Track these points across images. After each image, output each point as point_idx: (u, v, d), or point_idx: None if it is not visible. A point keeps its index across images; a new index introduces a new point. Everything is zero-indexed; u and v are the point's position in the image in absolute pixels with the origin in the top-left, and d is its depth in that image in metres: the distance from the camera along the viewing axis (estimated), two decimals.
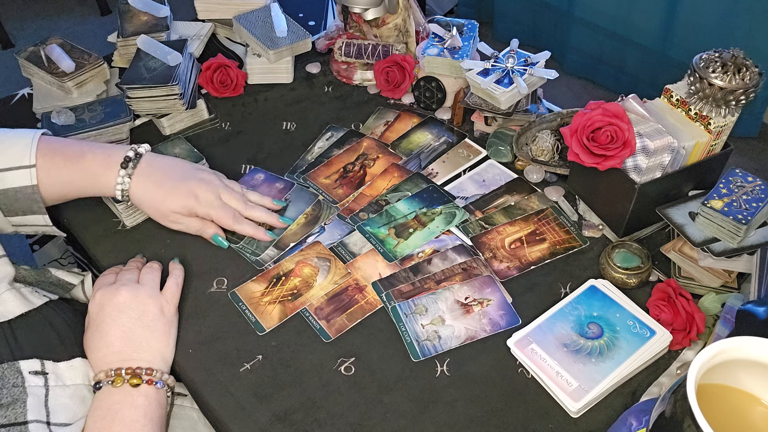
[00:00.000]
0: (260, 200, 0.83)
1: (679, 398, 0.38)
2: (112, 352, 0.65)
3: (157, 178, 0.76)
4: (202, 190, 0.77)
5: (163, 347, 0.68)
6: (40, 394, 0.59)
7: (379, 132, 0.97)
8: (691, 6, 1.92)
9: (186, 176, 0.77)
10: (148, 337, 0.67)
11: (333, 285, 0.76)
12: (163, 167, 0.77)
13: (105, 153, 0.74)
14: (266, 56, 1.03)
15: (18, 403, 0.57)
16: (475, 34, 1.00)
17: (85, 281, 0.76)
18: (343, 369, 0.68)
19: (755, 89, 0.69)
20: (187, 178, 0.77)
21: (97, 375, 0.64)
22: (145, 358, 0.65)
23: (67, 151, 0.73)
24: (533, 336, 0.68)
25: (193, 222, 0.78)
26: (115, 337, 0.66)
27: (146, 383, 0.63)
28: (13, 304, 0.64)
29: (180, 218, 0.77)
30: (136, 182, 0.75)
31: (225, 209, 0.78)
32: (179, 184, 0.76)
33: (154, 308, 0.69)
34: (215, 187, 0.78)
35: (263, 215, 0.81)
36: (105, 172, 0.74)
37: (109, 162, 0.74)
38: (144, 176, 0.75)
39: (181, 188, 0.76)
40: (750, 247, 0.68)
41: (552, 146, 0.86)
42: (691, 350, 0.69)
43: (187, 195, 0.76)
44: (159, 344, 0.67)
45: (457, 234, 0.81)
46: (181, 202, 0.76)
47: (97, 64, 1.02)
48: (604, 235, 0.80)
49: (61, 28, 2.79)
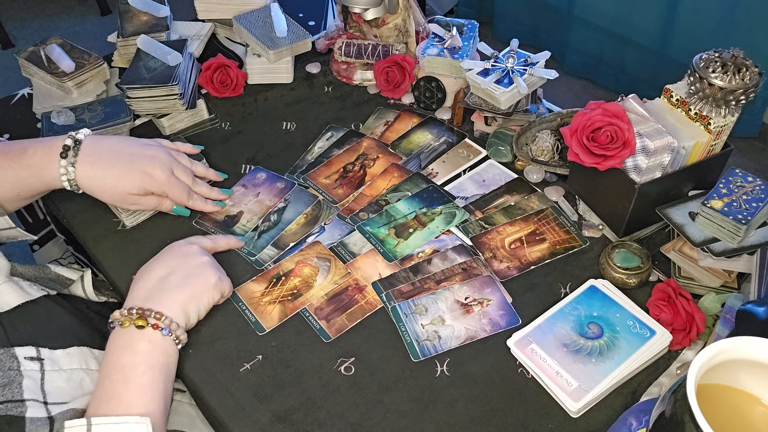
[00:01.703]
0: (205, 173, 0.86)
1: (679, 398, 0.38)
2: (145, 287, 0.67)
3: (104, 162, 0.74)
4: (155, 168, 0.76)
5: (186, 300, 0.67)
6: (36, 377, 0.59)
7: (379, 132, 0.97)
8: (691, 6, 1.92)
9: (134, 155, 0.76)
10: (179, 287, 0.67)
11: (333, 285, 0.76)
12: (108, 149, 0.75)
13: (46, 145, 0.73)
14: (266, 56, 1.03)
15: (14, 384, 0.57)
16: (475, 34, 1.00)
17: (84, 277, 0.76)
18: (343, 369, 0.68)
19: (755, 89, 0.69)
20: (137, 157, 0.76)
21: (114, 313, 0.64)
22: (165, 304, 0.65)
23: (8, 151, 0.72)
24: (533, 336, 0.68)
25: (149, 200, 0.79)
26: (156, 275, 0.68)
27: (152, 327, 0.63)
28: (10, 296, 0.64)
29: (137, 199, 0.77)
30: (81, 170, 0.73)
31: (179, 186, 0.79)
32: (130, 165, 0.75)
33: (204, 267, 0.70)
34: (167, 163, 0.78)
35: (207, 190, 0.84)
36: (48, 164, 0.72)
37: (49, 154, 0.72)
38: (88, 163, 0.73)
39: (133, 168, 0.75)
40: (750, 247, 0.68)
41: (552, 146, 0.86)
42: (691, 350, 0.69)
43: (141, 175, 0.75)
44: (185, 295, 0.67)
45: (457, 234, 0.81)
46: (137, 183, 0.75)
47: (97, 64, 1.02)
48: (604, 235, 0.80)
49: (61, 28, 2.79)
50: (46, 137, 0.76)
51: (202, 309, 0.69)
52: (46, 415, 0.57)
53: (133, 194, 0.76)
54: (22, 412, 0.56)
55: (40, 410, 0.57)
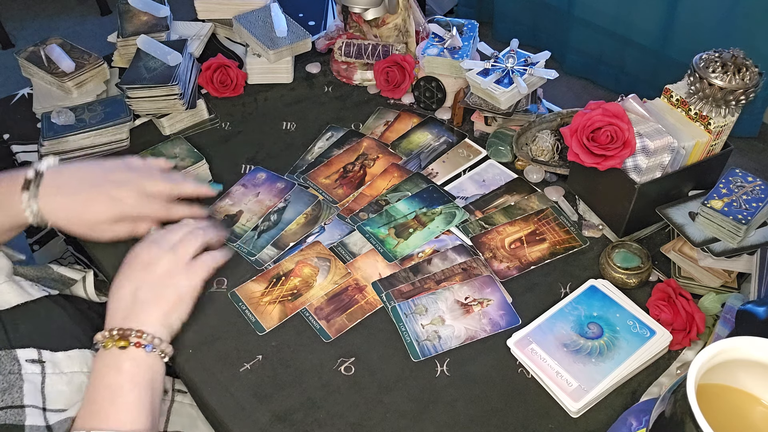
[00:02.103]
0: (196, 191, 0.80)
1: (679, 398, 0.38)
2: (121, 307, 0.65)
3: (68, 191, 0.71)
4: (121, 190, 0.72)
5: (165, 313, 0.65)
6: (37, 381, 0.59)
7: (379, 132, 0.97)
8: (691, 6, 1.92)
9: (100, 180, 0.72)
10: (153, 300, 0.65)
11: (333, 285, 0.76)
12: (70, 178, 0.72)
13: (9, 179, 0.70)
14: (266, 56, 1.03)
15: (14, 388, 0.57)
16: (475, 34, 1.00)
17: (86, 278, 0.76)
18: (343, 369, 0.68)
19: (755, 89, 0.69)
20: (101, 183, 0.72)
21: (96, 335, 0.63)
22: (143, 321, 0.64)
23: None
24: (533, 336, 0.68)
25: (122, 227, 0.74)
26: (126, 292, 0.66)
27: (134, 345, 0.62)
28: (10, 295, 0.64)
29: (107, 228, 0.73)
30: (45, 202, 0.69)
31: (153, 202, 0.74)
32: (95, 191, 0.71)
33: (171, 275, 0.67)
34: (135, 182, 0.73)
35: (192, 188, 0.79)
36: (10, 198, 0.69)
37: (12, 187, 0.69)
38: (51, 194, 0.70)
39: (100, 194, 0.71)
40: (750, 247, 0.68)
41: (552, 146, 0.86)
42: (691, 350, 0.69)
43: (109, 200, 0.71)
44: (162, 309, 0.65)
45: (457, 234, 0.81)
46: (105, 210, 0.71)
47: (97, 64, 1.02)
48: (604, 235, 0.80)
49: (61, 28, 2.79)
50: (11, 170, 0.72)
51: (184, 314, 0.68)
52: (44, 423, 0.57)
53: (102, 222, 0.72)
54: (21, 421, 0.56)
55: (38, 418, 0.57)
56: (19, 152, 0.96)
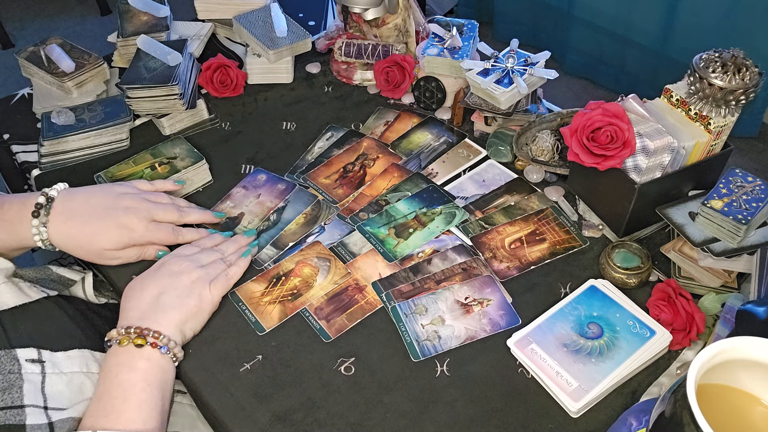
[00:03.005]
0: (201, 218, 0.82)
1: (679, 398, 0.38)
2: (140, 307, 0.66)
3: (78, 220, 0.72)
4: (131, 219, 0.73)
5: (183, 320, 0.67)
6: (37, 380, 0.59)
7: (379, 132, 0.97)
8: (691, 6, 1.92)
9: (109, 208, 0.73)
10: (175, 306, 0.67)
11: (333, 285, 0.76)
12: (80, 205, 0.73)
13: (20, 202, 0.71)
14: (266, 56, 1.03)
15: (14, 388, 0.57)
16: (475, 34, 1.00)
17: (85, 279, 0.76)
18: (343, 369, 0.68)
19: (755, 89, 0.69)
20: (111, 211, 0.73)
21: (110, 332, 0.64)
22: (161, 323, 0.66)
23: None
24: (533, 336, 0.68)
25: (130, 252, 0.75)
26: (149, 293, 0.68)
27: (150, 345, 0.63)
28: (8, 296, 0.64)
29: (115, 254, 0.74)
30: (54, 229, 0.71)
31: (161, 229, 0.76)
32: (105, 220, 0.72)
33: (197, 286, 0.70)
34: (144, 210, 0.75)
35: (198, 215, 0.81)
36: (20, 223, 0.70)
37: (22, 211, 0.70)
38: (61, 221, 0.71)
39: (109, 223, 0.72)
40: (750, 247, 0.68)
41: (552, 146, 0.86)
42: (691, 350, 0.69)
43: (118, 229, 0.72)
44: (181, 315, 0.67)
45: (457, 234, 0.81)
46: (113, 238, 0.72)
47: (97, 64, 1.02)
48: (604, 235, 0.80)
49: (61, 28, 2.79)
50: (22, 194, 0.73)
51: (198, 326, 0.70)
52: (46, 421, 0.57)
53: (110, 249, 0.73)
54: (22, 420, 0.56)
55: (39, 416, 0.57)
56: (19, 152, 0.96)
